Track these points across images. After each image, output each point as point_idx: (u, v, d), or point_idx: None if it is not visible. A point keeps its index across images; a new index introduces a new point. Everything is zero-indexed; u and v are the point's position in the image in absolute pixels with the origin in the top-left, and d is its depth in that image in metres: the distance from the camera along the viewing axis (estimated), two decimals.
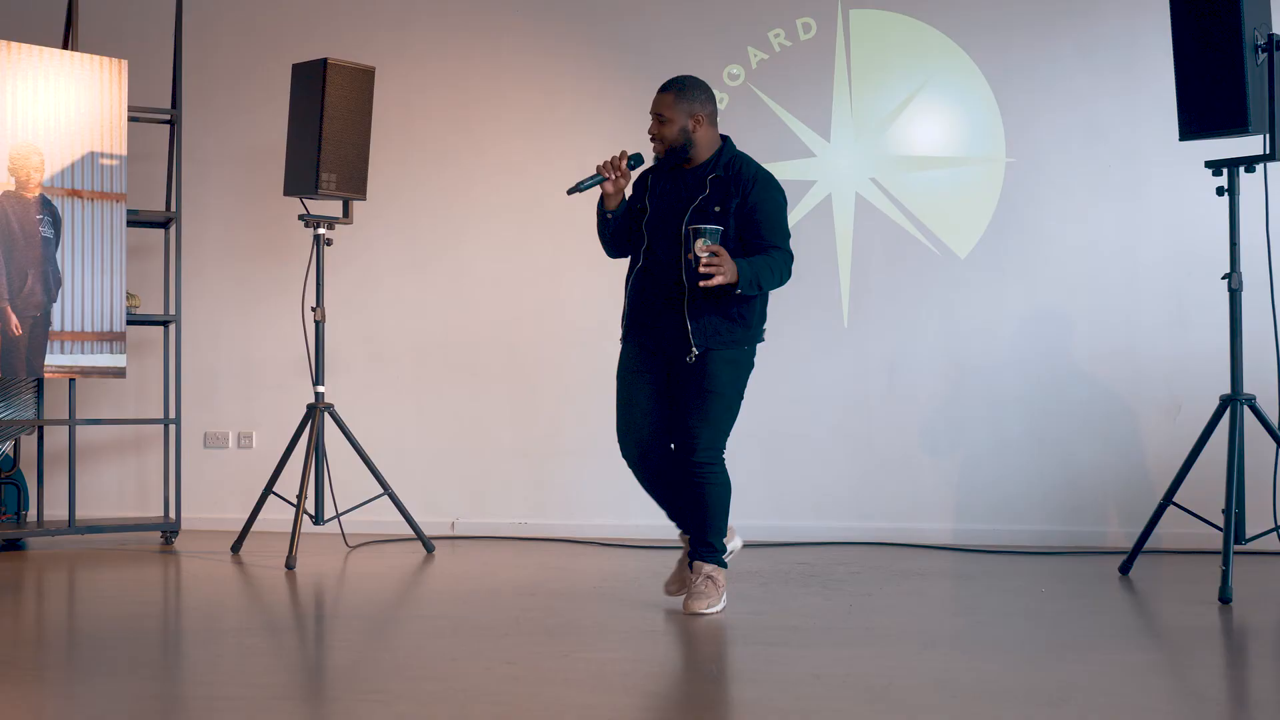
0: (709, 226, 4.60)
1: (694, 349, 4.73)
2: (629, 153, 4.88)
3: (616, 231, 4.90)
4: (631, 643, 4.39)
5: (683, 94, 4.84)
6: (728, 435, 4.90)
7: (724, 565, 4.92)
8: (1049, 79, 6.80)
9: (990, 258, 6.81)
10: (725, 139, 4.93)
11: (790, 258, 4.87)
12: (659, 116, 4.84)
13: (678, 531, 5.06)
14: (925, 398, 6.87)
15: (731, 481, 4.95)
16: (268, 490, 6.47)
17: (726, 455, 4.94)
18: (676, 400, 4.85)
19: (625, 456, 4.93)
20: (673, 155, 4.84)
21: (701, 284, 4.58)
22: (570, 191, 4.89)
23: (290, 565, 5.97)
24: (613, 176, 4.81)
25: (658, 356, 4.86)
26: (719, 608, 4.83)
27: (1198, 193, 6.49)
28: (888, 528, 6.78)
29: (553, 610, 4.89)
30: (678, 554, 5.14)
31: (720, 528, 4.89)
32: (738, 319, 4.81)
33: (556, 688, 3.69)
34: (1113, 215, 6.72)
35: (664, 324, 4.81)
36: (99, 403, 7.49)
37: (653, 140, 4.87)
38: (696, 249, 4.54)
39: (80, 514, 7.13)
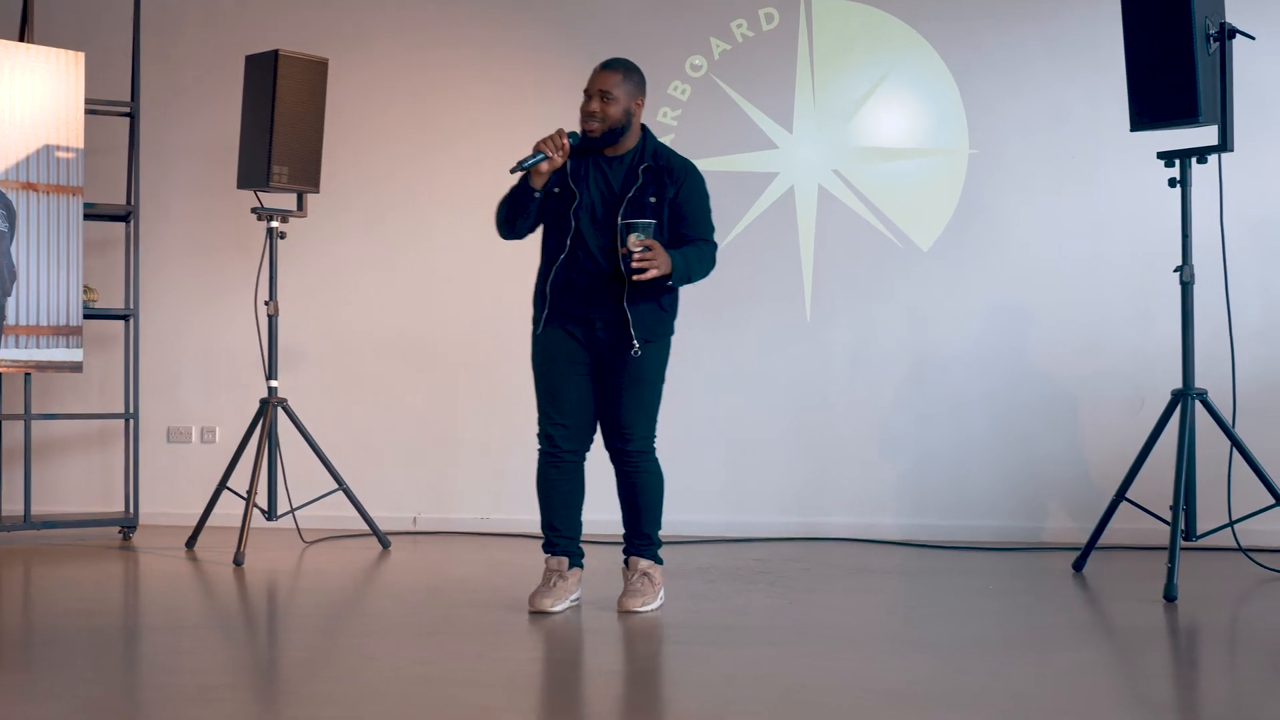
0: (642, 221, 4.54)
1: (636, 342, 4.64)
2: (566, 130, 4.73)
3: (532, 212, 4.74)
4: (555, 642, 4.33)
5: (628, 75, 4.73)
6: (656, 424, 4.83)
7: (660, 561, 4.85)
8: (1012, 68, 6.72)
9: (953, 250, 6.73)
10: (645, 128, 4.81)
11: (715, 248, 4.82)
12: (605, 94, 4.67)
13: (546, 551, 4.83)
14: (887, 392, 6.79)
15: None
16: (221, 485, 6.43)
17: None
18: (607, 391, 4.75)
19: (552, 446, 4.75)
20: (608, 137, 4.68)
21: (635, 278, 4.52)
22: (514, 170, 4.67)
23: (238, 562, 5.91)
24: (553, 154, 4.63)
25: (586, 347, 4.74)
26: (655, 605, 4.77)
27: (1162, 184, 6.40)
28: (849, 523, 6.71)
29: (488, 608, 4.81)
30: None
31: (657, 520, 4.83)
32: (668, 309, 4.77)
33: (460, 689, 3.62)
34: (1076, 207, 6.64)
35: (595, 314, 4.69)
36: (64, 397, 7.45)
37: (591, 119, 4.68)
38: (630, 243, 4.48)
39: (45, 509, 7.11)
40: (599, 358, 4.73)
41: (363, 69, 7.25)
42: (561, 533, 4.80)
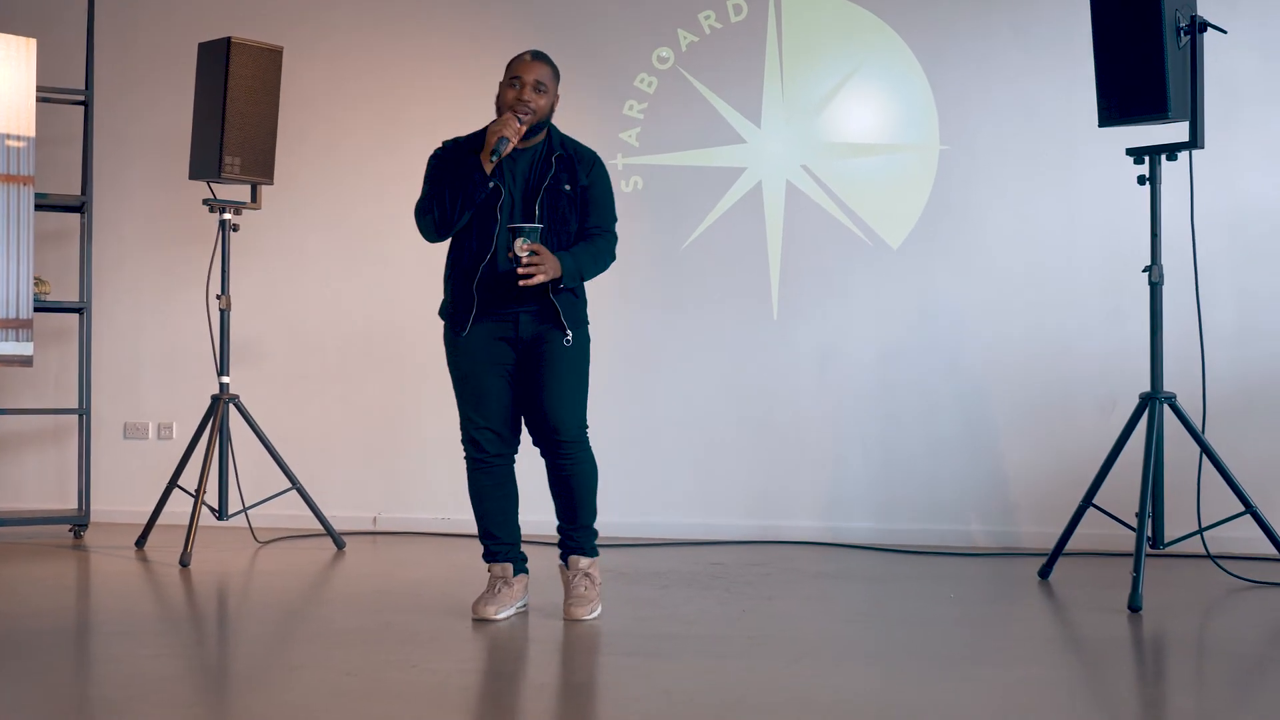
0: (529, 225, 4.42)
1: (568, 331, 4.54)
2: (511, 114, 4.54)
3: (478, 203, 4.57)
4: (492, 652, 4.18)
5: (555, 69, 4.65)
6: (586, 413, 4.70)
7: (597, 552, 4.72)
8: (983, 62, 6.56)
9: (923, 248, 6.58)
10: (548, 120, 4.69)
11: (615, 240, 4.74)
12: (539, 85, 4.54)
13: (488, 560, 4.70)
14: (855, 392, 6.64)
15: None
16: (171, 483, 6.28)
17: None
18: (533, 386, 4.59)
19: (480, 451, 4.64)
20: (533, 130, 4.56)
21: (521, 283, 4.39)
22: (494, 158, 4.46)
23: (184, 563, 5.76)
24: (514, 139, 4.47)
25: (511, 346, 4.59)
26: (599, 611, 4.63)
27: (1135, 181, 6.26)
28: (816, 526, 6.57)
29: (432, 614, 4.67)
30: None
31: (594, 510, 4.69)
32: (580, 296, 4.67)
33: (380, 703, 3.47)
34: (1048, 204, 6.49)
35: (519, 309, 4.54)
36: (19, 392, 7.29)
37: (525, 109, 4.50)
38: (516, 248, 4.38)
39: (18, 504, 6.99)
40: (522, 355, 4.59)
41: (325, 59, 7.09)
42: (501, 540, 4.67)
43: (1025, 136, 6.50)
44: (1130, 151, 5.19)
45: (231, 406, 6.26)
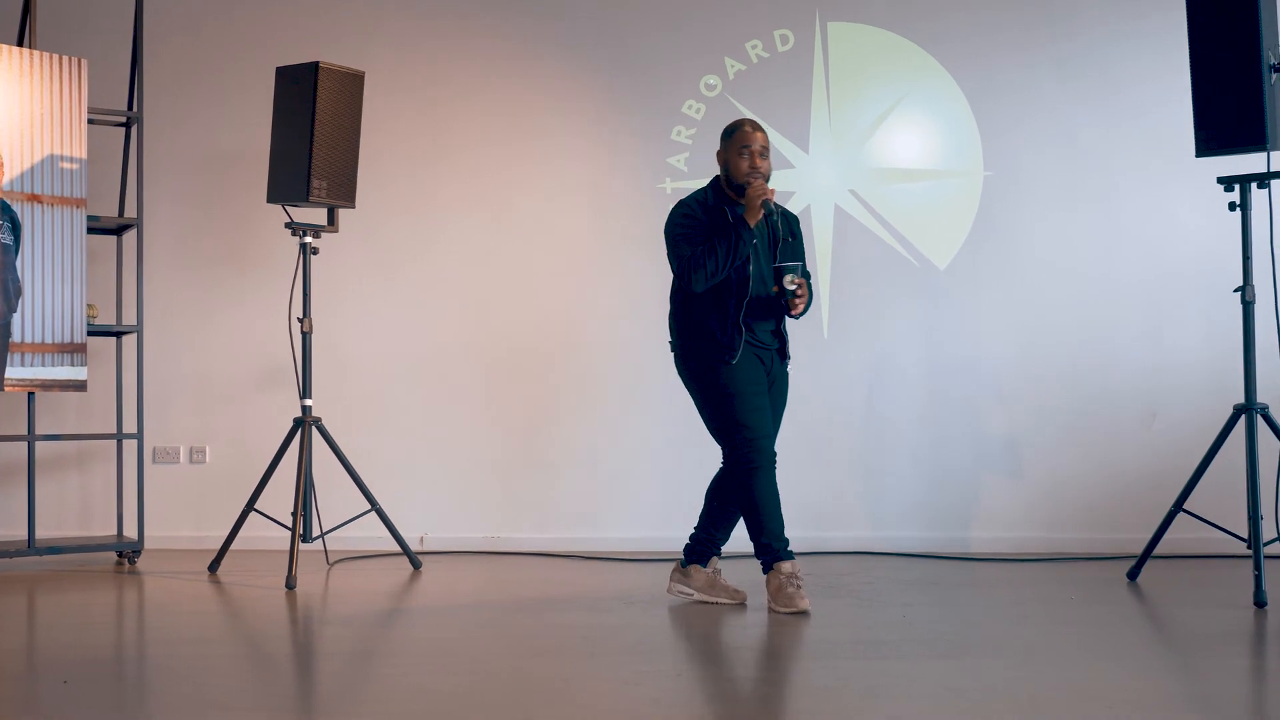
0: (792, 263, 5.17)
1: (788, 358, 5.37)
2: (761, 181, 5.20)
3: None
4: (749, 658, 4.32)
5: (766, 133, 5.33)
6: None
7: None
8: (1025, 92, 6.92)
9: (969, 269, 6.91)
10: None
11: None
12: (765, 150, 5.22)
13: (776, 557, 5.17)
14: (905, 408, 6.93)
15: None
16: (249, 507, 6.24)
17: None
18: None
19: (765, 459, 5.18)
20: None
21: (793, 312, 5.19)
22: (769, 216, 5.17)
23: (290, 585, 5.76)
24: (772, 200, 5.16)
25: (766, 373, 5.27)
26: None
27: (1172, 207, 6.70)
28: (867, 536, 6.83)
29: (627, 628, 4.78)
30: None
31: None
32: None
33: (687, 707, 3.59)
34: (1088, 228, 6.86)
35: (767, 338, 5.26)
36: (40, 417, 7.12)
37: (758, 173, 5.18)
38: (786, 283, 5.13)
39: (14, 533, 6.83)
40: (770, 382, 5.29)
41: (369, 79, 7.06)
42: (782, 536, 5.17)
43: (1066, 162, 6.87)
44: (1221, 180, 5.55)
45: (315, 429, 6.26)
